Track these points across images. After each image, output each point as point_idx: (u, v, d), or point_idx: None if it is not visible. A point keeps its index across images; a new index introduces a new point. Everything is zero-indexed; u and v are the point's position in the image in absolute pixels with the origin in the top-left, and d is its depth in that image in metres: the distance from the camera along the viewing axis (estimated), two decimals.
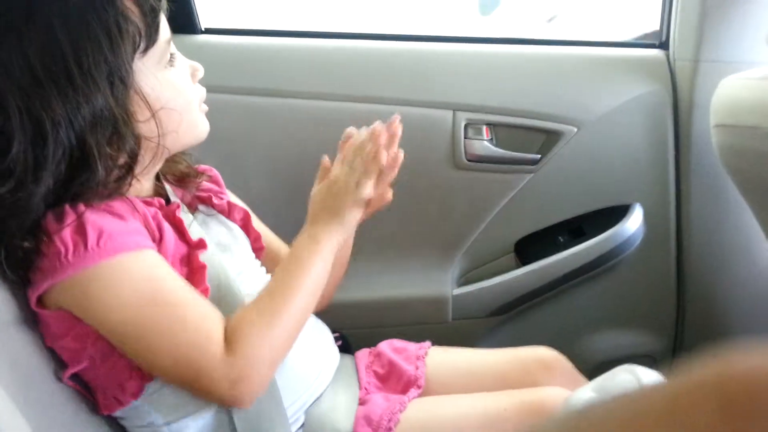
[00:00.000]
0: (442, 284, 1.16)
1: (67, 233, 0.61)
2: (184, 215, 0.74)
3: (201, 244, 0.71)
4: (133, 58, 0.66)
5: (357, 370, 0.83)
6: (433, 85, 1.14)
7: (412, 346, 0.89)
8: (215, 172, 0.88)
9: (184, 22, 1.12)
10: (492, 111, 1.13)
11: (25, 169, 0.62)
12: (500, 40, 1.21)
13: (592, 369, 1.17)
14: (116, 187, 0.66)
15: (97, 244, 0.61)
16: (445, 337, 1.15)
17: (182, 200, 0.79)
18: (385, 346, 0.88)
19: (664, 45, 1.18)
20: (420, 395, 0.79)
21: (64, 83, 0.63)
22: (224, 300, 0.70)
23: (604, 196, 1.17)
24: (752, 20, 1.08)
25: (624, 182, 1.16)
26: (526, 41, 1.21)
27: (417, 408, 0.75)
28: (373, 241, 1.16)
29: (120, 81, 0.65)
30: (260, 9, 1.44)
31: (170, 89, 0.70)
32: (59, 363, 0.67)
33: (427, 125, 1.13)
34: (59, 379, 0.66)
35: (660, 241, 1.17)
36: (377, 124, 0.78)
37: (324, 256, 0.71)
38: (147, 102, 0.67)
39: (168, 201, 0.76)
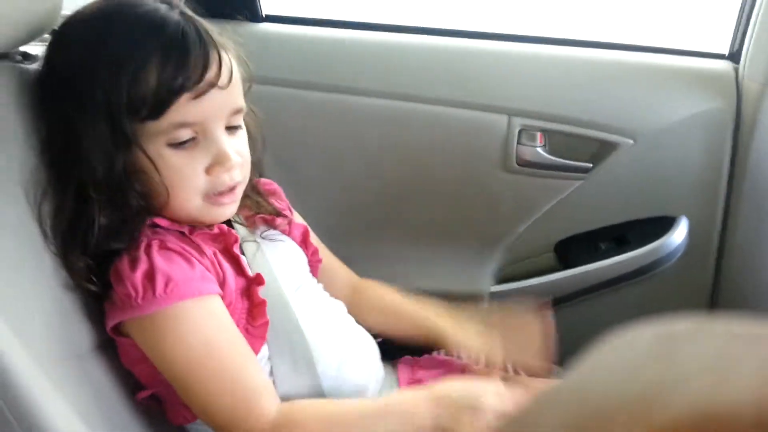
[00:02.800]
0: (479, 280, 1.19)
1: (138, 278, 0.67)
2: (245, 246, 0.79)
3: (259, 280, 0.75)
4: (133, 118, 0.68)
5: (398, 388, 0.88)
6: (490, 88, 1.13)
7: (455, 365, 0.91)
8: (276, 187, 0.91)
9: (246, 9, 1.12)
10: (548, 118, 1.12)
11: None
12: (559, 41, 1.18)
13: None
14: (135, 226, 0.71)
15: (164, 291, 0.66)
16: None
17: (246, 220, 0.84)
18: (425, 365, 0.92)
19: (734, 57, 1.14)
20: None
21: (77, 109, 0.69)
22: (280, 325, 0.76)
23: (650, 206, 1.17)
24: None
25: (672, 195, 1.16)
26: (586, 43, 1.18)
27: None
28: (415, 232, 1.20)
29: (119, 129, 0.68)
30: None
31: (163, 167, 0.70)
32: (134, 382, 0.74)
33: (482, 128, 1.13)
34: (134, 398, 0.73)
35: (700, 256, 1.17)
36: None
37: (414, 423, 0.69)
38: (144, 163, 0.69)
39: (229, 223, 0.80)
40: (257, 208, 0.85)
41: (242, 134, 0.76)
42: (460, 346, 0.87)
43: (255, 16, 1.15)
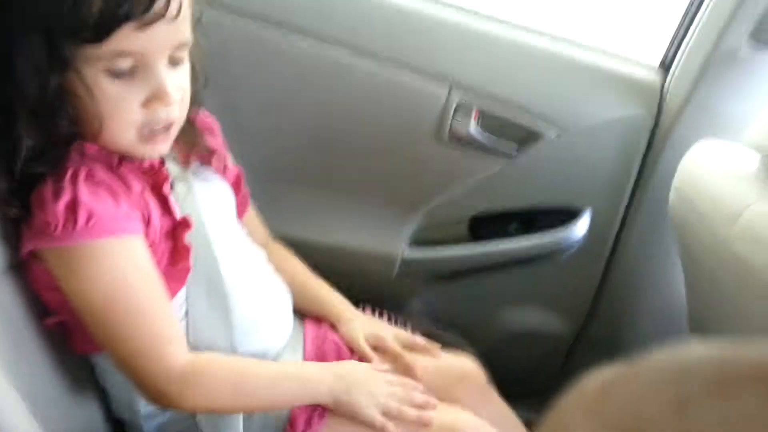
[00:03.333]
0: (394, 242, 1.24)
1: (60, 209, 0.65)
2: (175, 182, 0.78)
3: (186, 224, 0.75)
4: (71, 41, 0.65)
5: (303, 342, 0.90)
6: (437, 55, 1.14)
7: None
8: (213, 122, 0.89)
9: None
10: (486, 96, 1.15)
11: None
12: (510, 24, 1.20)
13: (506, 336, 1.34)
14: (62, 151, 0.69)
15: (86, 225, 0.65)
16: (385, 289, 1.26)
17: (179, 156, 0.82)
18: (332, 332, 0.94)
19: (664, 67, 1.20)
20: None
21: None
22: (201, 269, 0.77)
23: (561, 196, 1.24)
24: (756, 78, 1.11)
25: (582, 189, 1.23)
26: (535, 31, 1.20)
27: None
28: (340, 186, 1.22)
29: (56, 53, 0.65)
30: None
31: (98, 94, 0.68)
32: (42, 308, 0.73)
33: (422, 97, 1.14)
34: (40, 323, 0.72)
35: (597, 250, 1.27)
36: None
37: (311, 396, 0.77)
38: (78, 88, 0.67)
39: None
40: (191, 147, 0.83)
41: (185, 69, 0.74)
42: (349, 338, 0.91)
43: None
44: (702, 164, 0.98)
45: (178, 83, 0.72)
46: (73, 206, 0.66)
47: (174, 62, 0.71)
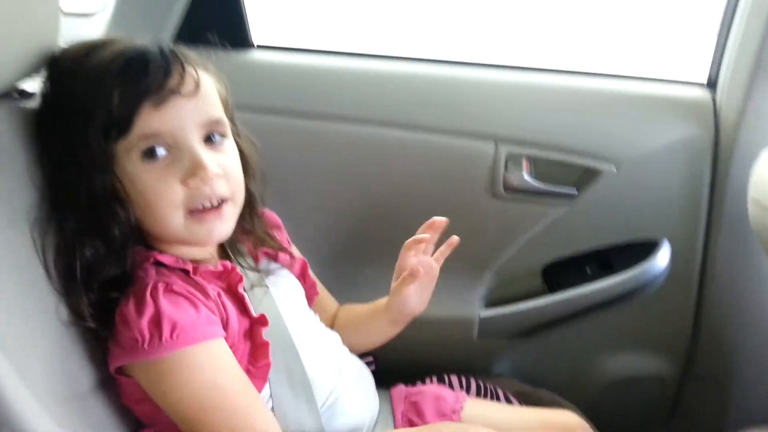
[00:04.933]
0: (469, 304, 1.21)
1: (144, 324, 0.67)
2: (248, 283, 0.79)
3: (263, 321, 0.75)
4: (105, 143, 0.69)
5: (393, 416, 0.89)
6: (477, 116, 1.16)
7: (449, 396, 0.93)
8: (277, 219, 0.92)
9: (237, 38, 1.13)
10: (533, 145, 1.15)
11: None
12: (545, 70, 1.21)
13: (605, 386, 1.26)
14: (123, 252, 0.72)
15: (171, 336, 0.67)
16: (468, 353, 1.23)
17: (249, 252, 0.85)
18: (423, 395, 0.93)
19: (711, 85, 1.18)
20: None
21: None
22: (283, 363, 0.77)
23: (634, 230, 1.20)
24: None
25: (655, 220, 1.19)
26: (571, 72, 1.21)
27: None
28: None
29: (92, 160, 0.69)
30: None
31: (138, 183, 0.71)
32: (135, 421, 0.74)
33: (469, 155, 1.15)
34: None
35: (683, 276, 1.20)
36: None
37: None
38: (122, 185, 0.71)
39: (230, 256, 0.81)
40: (261, 243, 0.86)
41: (228, 150, 0.76)
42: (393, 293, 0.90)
43: (245, 43, 1.16)
44: None
45: (218, 160, 0.73)
46: (156, 320, 0.67)
47: (210, 140, 0.74)
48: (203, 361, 0.69)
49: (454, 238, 0.84)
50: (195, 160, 0.70)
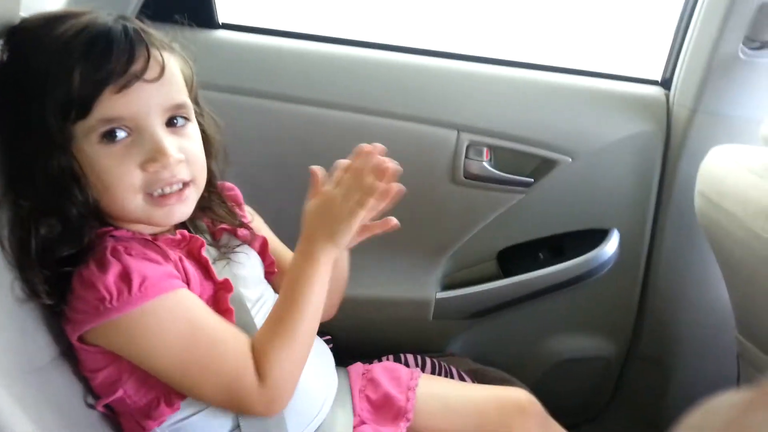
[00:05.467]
0: (426, 286, 1.25)
1: (111, 280, 0.67)
2: (209, 250, 0.80)
3: (227, 286, 0.77)
4: (65, 123, 0.68)
5: (351, 393, 0.91)
6: (441, 104, 1.18)
7: (404, 373, 0.96)
8: (237, 192, 0.92)
9: (202, 17, 1.12)
10: (494, 135, 1.18)
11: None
12: (506, 62, 1.24)
13: (554, 365, 1.32)
14: (79, 231, 0.71)
15: (140, 288, 0.67)
16: (423, 333, 1.27)
17: (208, 229, 0.85)
18: (380, 371, 0.96)
19: (666, 84, 1.22)
20: (407, 428, 0.89)
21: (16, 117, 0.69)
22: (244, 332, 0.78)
23: (586, 219, 1.25)
24: (757, 79, 1.13)
25: (606, 210, 1.24)
26: (533, 66, 1.24)
27: None
28: (365, 240, 1.24)
29: (51, 138, 0.68)
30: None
31: (96, 165, 0.70)
32: (91, 391, 0.75)
33: (432, 142, 1.18)
34: (91, 406, 0.74)
35: (631, 264, 1.26)
36: (373, 147, 0.81)
37: (321, 273, 0.76)
38: (78, 165, 0.70)
39: (189, 230, 0.81)
40: (220, 219, 0.86)
41: (190, 133, 0.76)
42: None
43: (211, 23, 1.16)
44: (722, 166, 0.98)
45: (180, 144, 0.73)
46: (124, 274, 0.68)
47: (173, 124, 0.73)
48: (175, 307, 0.70)
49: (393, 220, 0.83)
50: (156, 145, 0.70)
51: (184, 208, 0.75)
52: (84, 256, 0.71)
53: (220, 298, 0.76)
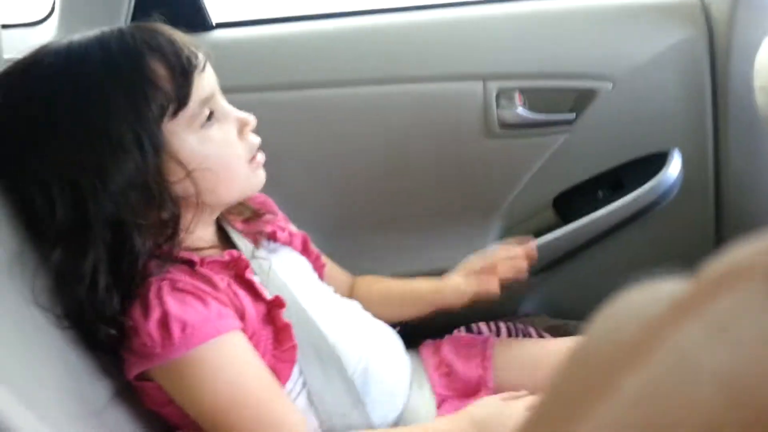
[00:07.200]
0: (485, 249, 1.18)
1: (152, 327, 0.65)
2: (256, 266, 0.76)
3: (279, 303, 0.73)
4: (161, 123, 0.67)
5: (427, 373, 0.87)
6: (460, 57, 1.11)
7: (478, 342, 0.92)
8: (267, 199, 0.89)
9: (194, 20, 1.08)
10: (522, 77, 1.10)
11: (71, 235, 0.65)
12: None
13: None
14: (169, 249, 0.69)
15: (182, 336, 0.65)
16: (495, 301, 1.20)
17: (248, 238, 0.82)
18: (451, 345, 0.91)
19: None
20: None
21: (94, 152, 0.65)
22: (306, 340, 0.74)
23: (641, 145, 1.15)
24: None
25: (661, 131, 1.14)
26: None
27: None
28: (410, 216, 1.18)
29: (150, 145, 0.66)
30: None
31: (205, 149, 0.70)
32: (159, 425, 0.72)
33: (458, 98, 1.11)
34: None
35: (699, 184, 1.16)
36: None
37: None
38: (180, 163, 0.68)
39: (235, 246, 0.78)
40: (256, 216, 0.84)
41: None
42: (456, 290, 0.88)
43: (205, 25, 1.11)
44: None
45: None
46: (164, 321, 0.65)
47: None
48: (220, 357, 0.67)
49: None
50: (236, 113, 0.73)
51: (263, 170, 0.77)
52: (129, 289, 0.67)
53: (274, 316, 0.73)
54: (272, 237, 0.85)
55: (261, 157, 0.76)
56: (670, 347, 0.19)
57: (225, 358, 0.67)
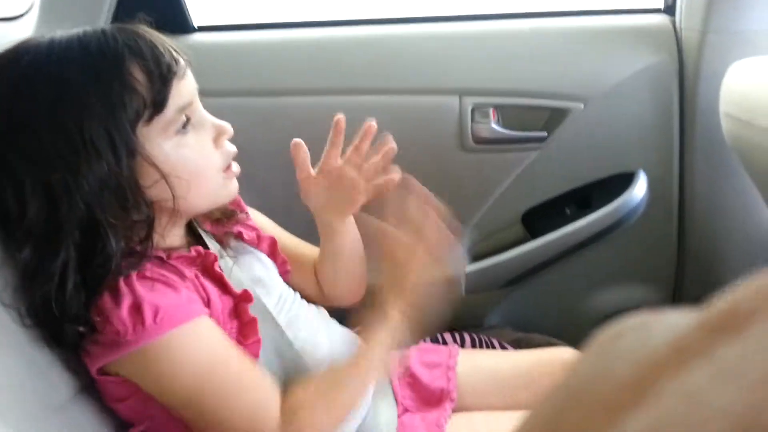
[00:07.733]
0: (452, 263, 1.19)
1: (124, 313, 0.64)
2: (223, 263, 0.76)
3: (246, 297, 0.74)
4: (135, 127, 0.66)
5: (390, 383, 0.88)
6: (437, 71, 1.13)
7: (442, 354, 0.93)
8: (238, 198, 0.89)
9: (176, 22, 1.08)
10: (498, 93, 1.12)
11: (42, 233, 0.65)
12: (498, 16, 1.18)
13: (597, 322, 1.26)
14: (143, 250, 0.69)
15: (154, 321, 0.64)
16: (458, 309, 1.22)
17: (215, 237, 0.82)
18: (416, 355, 0.92)
19: (669, 10, 1.15)
20: (454, 408, 0.85)
21: (68, 151, 0.65)
22: (268, 339, 0.75)
23: (608, 165, 1.18)
24: None
25: (629, 151, 1.18)
26: (526, 15, 1.18)
27: (454, 429, 0.81)
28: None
29: (123, 148, 0.66)
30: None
31: (179, 156, 0.69)
32: (119, 422, 0.72)
33: (434, 112, 1.13)
34: None
35: (663, 204, 1.20)
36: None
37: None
38: (156, 168, 0.68)
39: (204, 245, 0.78)
40: (227, 217, 0.84)
41: None
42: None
43: (186, 28, 1.11)
44: (745, 82, 0.91)
45: None
46: (136, 306, 0.65)
47: None
48: (192, 340, 0.66)
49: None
50: (214, 122, 0.73)
51: (236, 181, 0.77)
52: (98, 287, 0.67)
53: (241, 310, 0.73)
54: (239, 237, 0.85)
55: (236, 167, 0.75)
56: (676, 388, 0.19)
57: (196, 340, 0.67)
